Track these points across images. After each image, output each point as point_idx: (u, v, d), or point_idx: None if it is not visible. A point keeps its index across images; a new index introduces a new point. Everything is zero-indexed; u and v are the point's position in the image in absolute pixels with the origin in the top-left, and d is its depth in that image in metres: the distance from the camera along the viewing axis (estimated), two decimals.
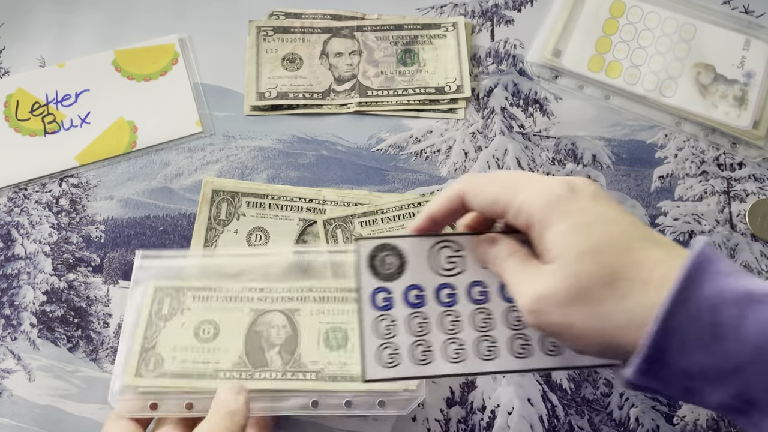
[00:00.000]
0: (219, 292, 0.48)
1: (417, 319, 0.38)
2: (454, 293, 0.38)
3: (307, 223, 0.52)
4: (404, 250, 0.39)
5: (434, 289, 0.38)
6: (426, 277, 0.38)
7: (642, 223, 0.33)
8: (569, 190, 0.33)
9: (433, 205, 0.38)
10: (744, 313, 0.28)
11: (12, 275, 0.52)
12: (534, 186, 0.34)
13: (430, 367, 0.37)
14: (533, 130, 0.57)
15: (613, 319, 0.30)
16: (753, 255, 0.53)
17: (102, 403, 0.48)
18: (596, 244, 0.31)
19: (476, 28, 0.60)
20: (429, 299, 0.38)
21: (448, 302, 0.38)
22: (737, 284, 0.29)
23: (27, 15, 0.60)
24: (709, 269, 0.29)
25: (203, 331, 0.47)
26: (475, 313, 0.38)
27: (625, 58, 0.57)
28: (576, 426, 0.47)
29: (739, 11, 0.60)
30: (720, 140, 0.56)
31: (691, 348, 0.28)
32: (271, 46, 0.58)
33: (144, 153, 0.56)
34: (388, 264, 0.39)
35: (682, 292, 0.28)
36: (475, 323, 0.38)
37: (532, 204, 0.33)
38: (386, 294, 0.38)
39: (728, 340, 0.28)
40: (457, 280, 0.38)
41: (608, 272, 0.30)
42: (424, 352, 0.37)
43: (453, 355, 0.37)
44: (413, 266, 0.38)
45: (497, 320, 0.38)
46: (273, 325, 0.47)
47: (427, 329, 0.38)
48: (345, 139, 0.57)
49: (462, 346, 0.37)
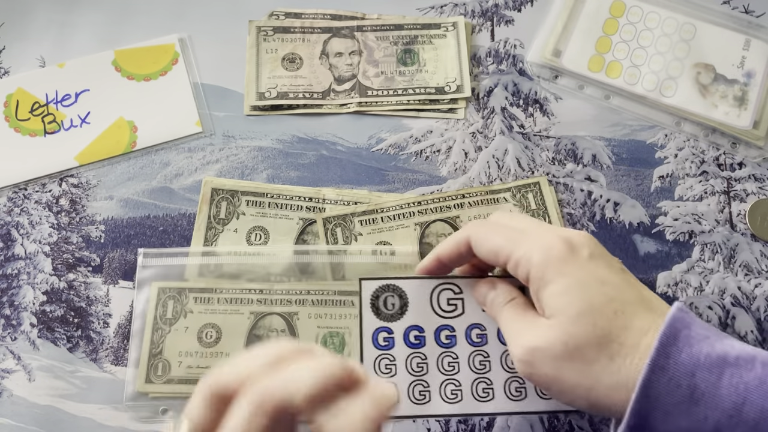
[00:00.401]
0: (219, 294, 0.49)
1: (416, 359, 0.39)
2: (453, 335, 0.39)
3: (307, 223, 0.52)
4: (406, 291, 0.40)
5: (434, 330, 0.39)
6: (426, 318, 0.39)
7: (635, 282, 0.35)
8: (568, 250, 0.34)
9: (442, 247, 0.39)
10: (719, 378, 0.30)
11: (12, 275, 0.52)
12: (535, 242, 0.35)
13: (427, 406, 0.38)
14: (533, 130, 0.57)
15: (602, 379, 0.31)
16: (753, 255, 0.53)
17: (102, 403, 0.48)
18: (591, 306, 0.33)
19: (476, 28, 0.60)
20: (429, 340, 0.39)
21: (447, 343, 0.39)
22: (712, 349, 0.30)
23: (27, 15, 0.60)
24: (684, 335, 0.31)
25: (206, 335, 0.47)
26: (473, 355, 0.39)
27: (625, 58, 0.57)
28: (576, 426, 0.47)
29: (739, 11, 0.60)
30: (720, 140, 0.56)
31: (673, 413, 0.30)
32: (271, 46, 0.58)
33: (144, 153, 0.56)
34: (390, 305, 0.40)
35: (658, 360, 0.30)
36: (473, 365, 0.39)
37: (530, 260, 0.34)
38: (387, 334, 0.39)
39: (705, 405, 0.29)
40: (457, 322, 0.39)
41: (601, 334, 0.32)
42: (422, 392, 0.38)
43: (450, 395, 0.38)
44: (414, 307, 0.39)
45: (494, 362, 0.39)
46: (272, 329, 0.47)
47: (426, 369, 0.38)
48: (345, 139, 0.57)
49: (459, 386, 0.38)
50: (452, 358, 0.39)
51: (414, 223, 0.52)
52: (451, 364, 0.39)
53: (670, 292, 0.52)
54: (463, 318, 0.39)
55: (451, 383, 0.38)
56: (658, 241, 0.53)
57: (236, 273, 0.50)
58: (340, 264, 0.50)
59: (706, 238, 0.53)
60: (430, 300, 0.40)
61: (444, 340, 0.39)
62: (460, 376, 0.38)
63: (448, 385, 0.38)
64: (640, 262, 0.53)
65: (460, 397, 0.38)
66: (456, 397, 0.38)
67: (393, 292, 0.40)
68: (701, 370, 0.30)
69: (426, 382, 0.38)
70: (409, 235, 0.52)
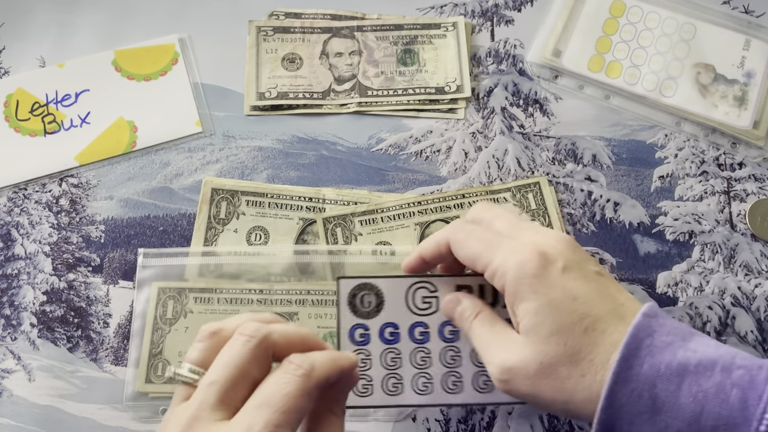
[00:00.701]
0: (220, 294, 0.49)
1: (391, 354, 0.41)
2: (426, 332, 0.41)
3: (307, 223, 0.52)
4: (383, 289, 0.42)
5: (408, 327, 0.41)
6: (401, 315, 0.41)
7: (610, 288, 0.35)
8: (541, 265, 0.35)
9: (424, 246, 0.41)
10: (678, 387, 0.31)
11: (12, 275, 0.52)
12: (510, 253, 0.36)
13: (399, 397, 0.40)
14: (533, 130, 0.57)
15: (576, 394, 0.33)
16: (753, 255, 0.53)
17: (102, 403, 0.48)
18: (562, 326, 0.34)
19: (476, 28, 0.60)
20: (403, 336, 0.41)
21: (421, 339, 0.41)
22: (673, 357, 0.31)
23: (27, 15, 0.60)
24: (647, 345, 0.32)
25: None
26: (445, 350, 0.41)
27: (625, 58, 0.57)
28: (576, 426, 0.47)
29: (739, 11, 0.60)
30: (720, 140, 0.56)
31: (636, 422, 0.31)
32: (271, 46, 0.58)
33: (144, 153, 0.56)
34: (367, 302, 0.42)
35: (621, 373, 0.31)
36: (444, 360, 0.41)
37: (505, 275, 0.35)
38: (363, 330, 0.41)
39: (666, 414, 0.31)
40: (431, 319, 0.41)
41: (572, 353, 0.33)
42: (395, 384, 0.40)
43: (421, 387, 0.40)
44: (390, 305, 0.41)
45: (464, 357, 0.41)
46: None
47: (399, 363, 0.41)
48: (345, 139, 0.57)
49: (430, 379, 0.40)
50: (425, 353, 0.41)
51: (414, 223, 0.52)
52: (424, 358, 0.41)
53: (670, 292, 0.52)
54: (437, 315, 0.41)
55: (423, 376, 0.40)
56: (658, 241, 0.53)
57: (236, 273, 0.50)
58: (340, 264, 0.50)
59: (706, 238, 0.53)
60: (405, 298, 0.41)
61: (418, 336, 0.41)
62: (431, 369, 0.40)
63: (420, 378, 0.40)
64: (640, 262, 0.53)
65: (431, 389, 0.40)
66: (427, 389, 0.40)
67: (370, 291, 0.42)
68: (662, 381, 0.31)
69: (399, 375, 0.40)
70: (409, 235, 0.52)
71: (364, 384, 0.40)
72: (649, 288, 0.52)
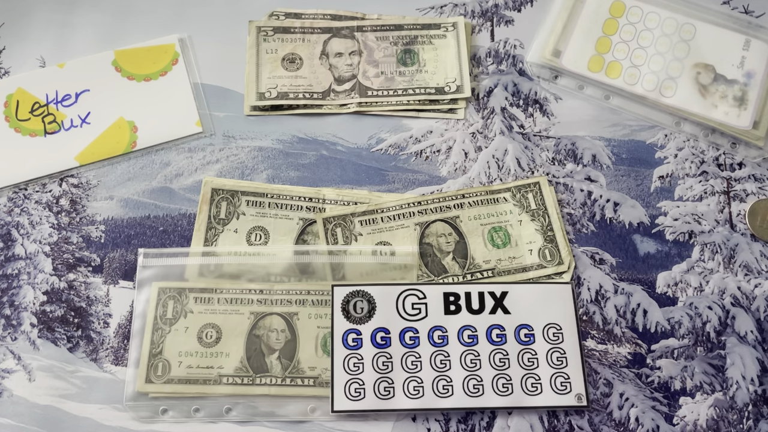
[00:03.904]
0: (220, 294, 0.49)
1: (382, 358, 0.42)
2: (416, 336, 0.43)
3: (307, 223, 0.52)
4: (374, 296, 0.43)
5: (399, 332, 0.43)
6: (392, 321, 0.43)
7: None
8: None
9: None
10: None
11: (12, 275, 0.52)
12: None
13: (390, 401, 0.41)
14: (533, 130, 0.57)
15: None
16: (753, 255, 0.53)
17: (102, 403, 0.48)
18: None
19: (476, 28, 0.60)
20: (394, 341, 0.42)
21: (411, 344, 0.42)
22: None
23: (27, 15, 0.60)
24: None
25: (206, 336, 0.47)
26: (435, 354, 0.42)
27: (625, 58, 0.57)
28: (576, 426, 0.47)
29: (739, 11, 0.60)
30: (720, 140, 0.56)
31: None
32: (271, 47, 0.58)
33: (144, 153, 0.56)
34: (360, 309, 0.43)
35: None
36: (434, 364, 0.42)
37: None
38: (356, 335, 0.43)
39: None
40: (420, 324, 0.43)
41: None
42: (387, 388, 0.41)
43: (412, 391, 0.41)
44: (381, 311, 0.43)
45: (454, 362, 0.42)
46: (272, 329, 0.47)
47: (391, 367, 0.42)
48: (345, 139, 0.57)
49: (420, 383, 0.42)
50: (415, 357, 0.42)
51: (414, 223, 0.52)
52: (414, 363, 0.42)
53: (670, 292, 0.52)
54: (426, 321, 0.43)
55: (414, 380, 0.41)
56: (658, 241, 0.53)
57: (236, 273, 0.50)
58: (340, 264, 0.50)
59: (706, 238, 0.53)
60: (396, 304, 0.43)
61: (408, 341, 0.42)
62: (422, 374, 0.41)
63: (410, 382, 0.41)
64: (640, 262, 0.53)
65: (422, 393, 0.41)
66: (418, 393, 0.41)
67: (362, 297, 0.43)
68: None
69: (390, 379, 0.41)
70: (409, 235, 0.52)
71: (356, 388, 0.41)
72: (648, 288, 0.52)
